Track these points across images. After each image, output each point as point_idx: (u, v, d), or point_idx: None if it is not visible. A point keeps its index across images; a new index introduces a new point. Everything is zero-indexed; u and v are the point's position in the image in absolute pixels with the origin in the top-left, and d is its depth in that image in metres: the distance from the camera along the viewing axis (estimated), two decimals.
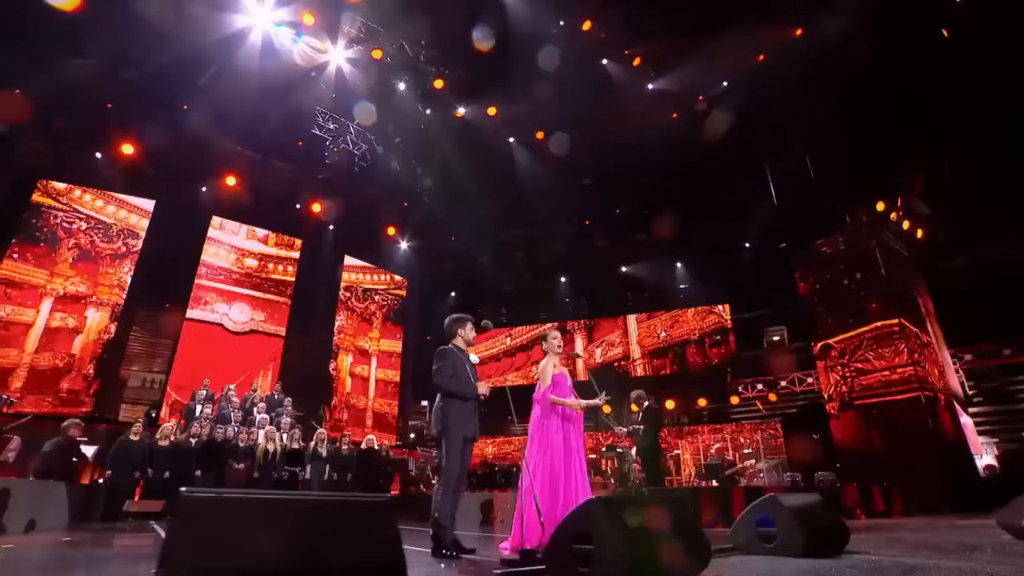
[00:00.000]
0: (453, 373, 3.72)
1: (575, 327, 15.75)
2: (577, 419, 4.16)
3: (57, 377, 11.56)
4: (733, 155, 12.78)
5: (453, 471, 3.53)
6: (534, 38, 12.50)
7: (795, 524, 2.85)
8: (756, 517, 3.05)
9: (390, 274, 18.11)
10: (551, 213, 15.64)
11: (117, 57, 10.17)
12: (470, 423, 3.70)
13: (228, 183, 13.95)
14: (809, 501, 3.19)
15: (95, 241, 12.61)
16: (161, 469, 7.62)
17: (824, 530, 2.98)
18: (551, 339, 4.36)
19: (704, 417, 13.28)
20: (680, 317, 14.38)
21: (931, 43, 10.74)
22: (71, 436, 6.74)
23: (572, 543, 1.95)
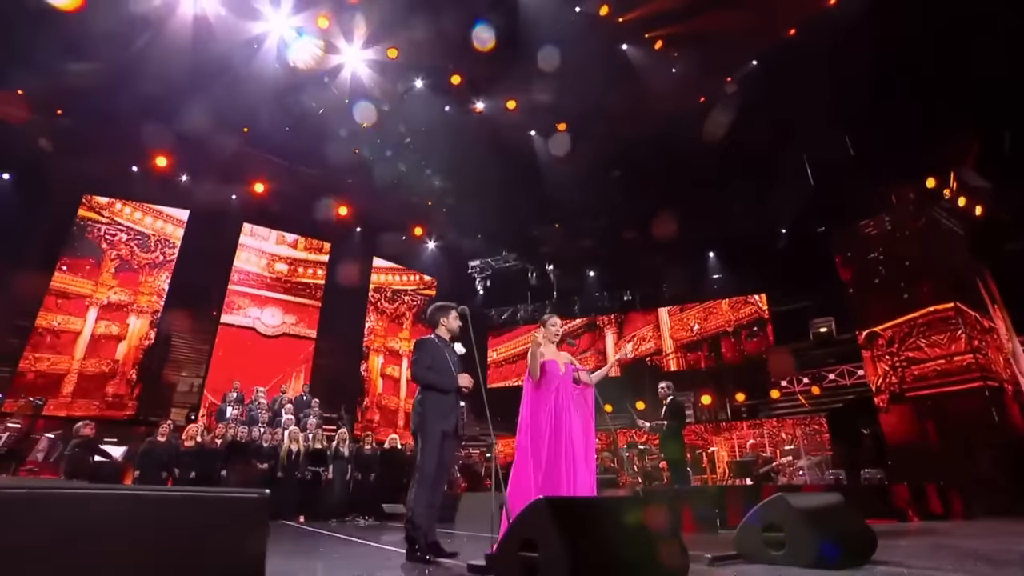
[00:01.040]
0: (432, 364, 3.54)
1: (605, 322, 15.35)
2: (577, 405, 3.89)
3: (103, 382, 12.08)
4: (765, 137, 12.11)
5: (428, 467, 3.35)
6: (551, 27, 12.21)
7: (806, 529, 2.51)
8: (762, 520, 2.72)
9: (419, 274, 18.18)
10: (578, 206, 15.30)
11: (144, 70, 10.46)
12: (450, 417, 3.51)
13: (256, 190, 14.30)
14: (826, 502, 2.83)
15: (134, 251, 13.13)
16: (187, 469, 7.79)
17: (843, 536, 2.63)
18: (549, 325, 4.12)
19: (743, 413, 12.65)
20: (714, 309, 13.76)
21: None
22: (85, 435, 6.93)
23: (518, 550, 1.71)
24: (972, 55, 9.58)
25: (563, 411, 3.77)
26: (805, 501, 2.74)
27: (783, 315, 13.48)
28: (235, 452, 8.11)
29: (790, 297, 13.22)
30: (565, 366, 3.97)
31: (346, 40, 11.87)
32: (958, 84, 10.10)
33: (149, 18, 9.84)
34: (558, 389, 3.85)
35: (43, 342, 11.82)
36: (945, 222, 11.46)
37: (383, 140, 14.26)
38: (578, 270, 16.16)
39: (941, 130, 11.05)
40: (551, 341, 4.09)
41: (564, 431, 3.72)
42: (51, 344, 11.88)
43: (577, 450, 3.67)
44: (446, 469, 3.54)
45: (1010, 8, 8.97)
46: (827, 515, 2.70)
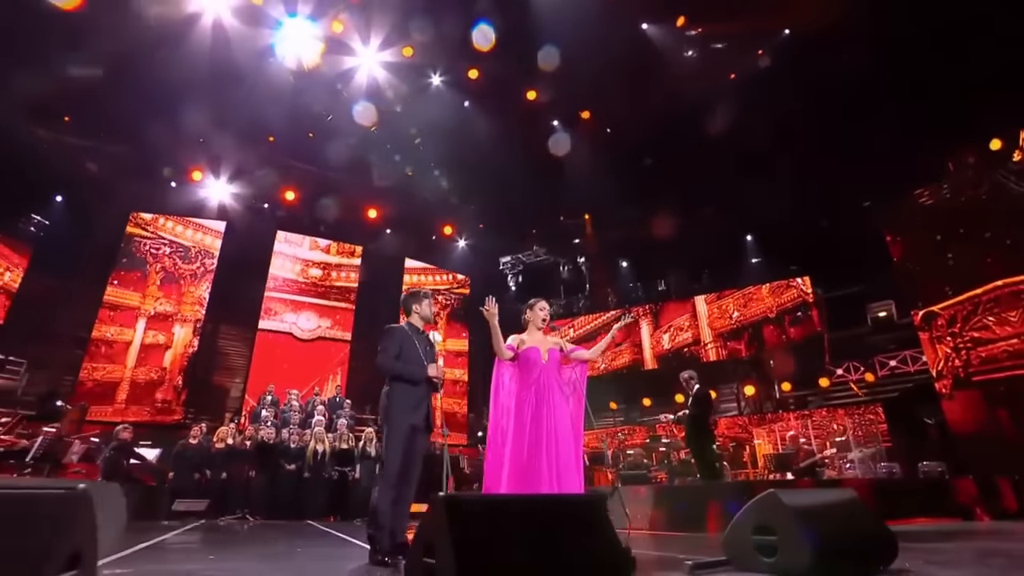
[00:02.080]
0: (399, 353, 3.36)
1: (640, 312, 14.82)
2: (565, 394, 3.62)
3: (152, 389, 12.68)
4: (800, 110, 11.32)
5: (392, 463, 3.17)
6: (568, 12, 11.87)
7: (800, 531, 2.17)
8: (752, 520, 2.39)
9: (452, 273, 18.16)
10: (606, 195, 14.86)
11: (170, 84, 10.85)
12: (419, 410, 3.32)
13: (288, 198, 14.66)
14: (829, 499, 2.46)
15: (177, 263, 13.72)
16: (218, 471, 8.00)
17: (848, 540, 2.26)
18: (537, 309, 3.87)
19: (790, 403, 11.89)
20: (754, 294, 12.99)
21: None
22: (123, 439, 7.22)
23: (422, 555, 1.51)
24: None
25: (544, 403, 3.52)
26: (802, 498, 2.38)
27: (837, 300, 12.58)
28: (263, 453, 8.26)
29: (840, 280, 12.31)
30: (549, 352, 3.70)
31: (362, 42, 11.96)
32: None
33: (169, 30, 10.16)
34: (538, 379, 3.60)
35: (99, 352, 12.53)
36: (1014, 187, 10.35)
37: (406, 140, 14.31)
38: (610, 261, 15.71)
39: (1008, 87, 9.97)
40: (537, 327, 3.83)
41: (545, 424, 3.47)
42: (106, 354, 12.58)
43: (561, 444, 3.41)
44: (415, 465, 3.35)
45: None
46: (828, 514, 2.33)
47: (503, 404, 3.74)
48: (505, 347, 3.70)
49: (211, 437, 8.47)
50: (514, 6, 11.45)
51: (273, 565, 3.30)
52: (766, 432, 10.80)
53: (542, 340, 3.80)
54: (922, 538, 4.19)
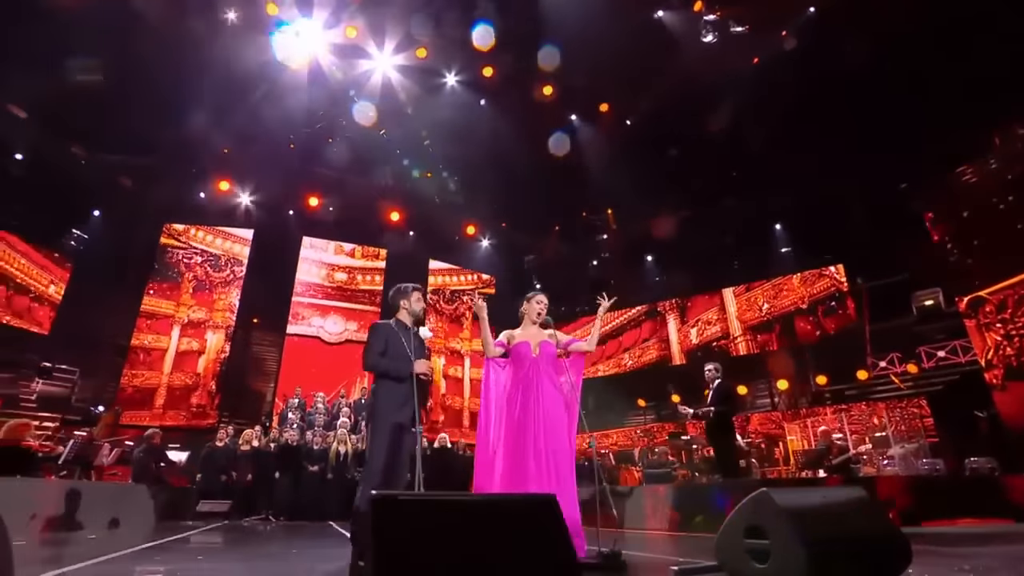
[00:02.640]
0: (385, 350, 3.30)
1: (667, 307, 14.45)
2: (559, 389, 3.49)
3: (188, 394, 13.10)
4: (828, 90, 10.78)
5: (376, 462, 3.11)
6: (580, 3, 11.67)
7: (793, 535, 1.98)
8: (744, 521, 2.21)
9: (476, 273, 18.14)
10: (629, 189, 14.56)
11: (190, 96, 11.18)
12: (405, 407, 3.24)
13: (311, 204, 14.92)
14: (832, 499, 2.24)
15: (208, 272, 14.15)
16: (244, 472, 8.17)
17: (851, 544, 2.06)
18: (534, 302, 3.75)
19: (826, 397, 11.35)
20: (784, 285, 12.46)
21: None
22: (154, 444, 7.45)
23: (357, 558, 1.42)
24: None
25: (531, 398, 3.40)
26: (798, 498, 2.18)
27: (878, 289, 11.93)
28: (286, 455, 8.39)
29: (878, 267, 11.67)
30: (540, 346, 3.57)
31: (376, 46, 12.05)
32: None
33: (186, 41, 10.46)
34: (527, 373, 3.48)
35: (137, 359, 13.04)
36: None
37: (423, 142, 14.37)
38: (635, 256, 15.38)
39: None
40: (532, 320, 3.71)
41: (533, 419, 3.35)
42: (144, 361, 13.08)
43: (552, 439, 3.28)
44: (402, 464, 3.28)
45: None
46: (827, 516, 2.13)
47: (495, 402, 3.64)
48: (494, 344, 3.60)
49: (237, 440, 8.66)
50: (526, 1, 11.33)
51: (253, 566, 3.29)
52: (799, 428, 10.33)
53: (535, 333, 3.68)
54: (959, 541, 3.88)
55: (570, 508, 3.15)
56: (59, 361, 11.77)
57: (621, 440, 12.79)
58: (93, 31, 9.97)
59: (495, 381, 3.69)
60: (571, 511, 3.14)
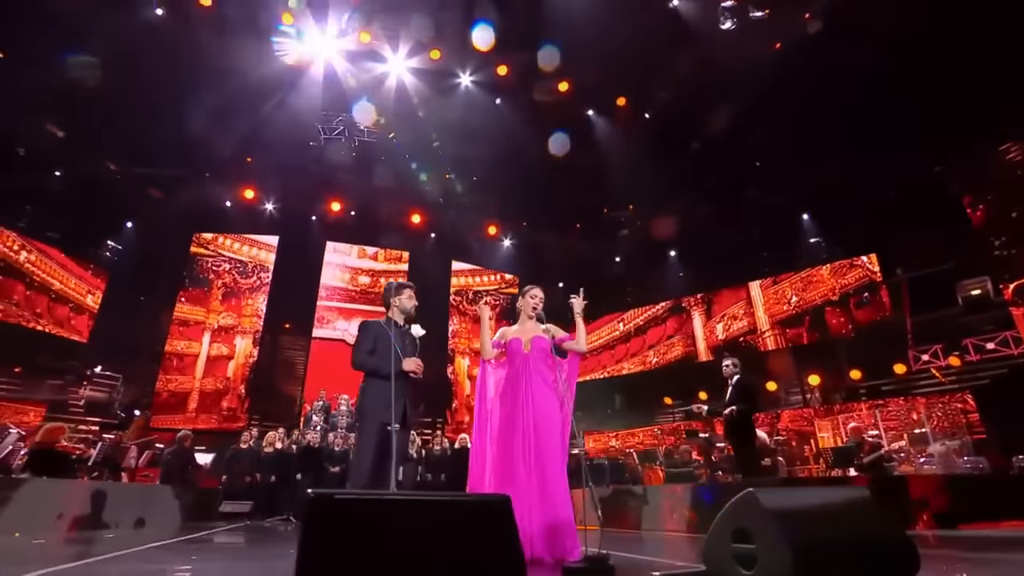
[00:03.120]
0: (373, 348, 3.27)
1: (691, 303, 14.11)
2: (551, 386, 3.38)
3: (219, 398, 13.48)
4: (853, 70, 10.31)
5: (362, 462, 3.08)
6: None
7: (779, 538, 1.85)
8: (730, 524, 2.08)
9: (499, 273, 18.11)
10: (650, 184, 14.30)
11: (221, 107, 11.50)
12: (393, 406, 3.20)
13: (333, 208, 15.16)
14: (827, 500, 2.08)
15: (236, 279, 14.52)
16: (268, 473, 8.32)
17: (846, 548, 1.90)
18: (528, 297, 3.66)
19: (861, 393, 10.86)
20: (813, 276, 11.97)
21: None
22: (184, 447, 7.67)
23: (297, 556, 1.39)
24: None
25: (520, 395, 3.30)
26: (787, 498, 2.04)
27: (920, 279, 11.35)
28: (308, 457, 8.51)
29: (915, 255, 11.11)
30: (532, 341, 3.47)
31: (391, 50, 12.15)
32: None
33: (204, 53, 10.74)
34: (518, 370, 3.39)
35: (171, 365, 13.48)
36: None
37: (443, 144, 14.41)
38: (658, 251, 15.08)
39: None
40: (528, 316, 3.62)
41: (522, 416, 3.25)
42: (177, 367, 13.51)
43: (542, 436, 3.18)
44: (394, 464, 3.24)
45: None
46: (820, 518, 1.98)
47: (490, 401, 3.58)
48: (491, 345, 3.53)
49: (261, 442, 8.84)
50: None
51: (243, 565, 3.30)
52: (830, 425, 9.91)
53: (530, 329, 3.59)
54: (996, 546, 3.61)
55: (560, 508, 3.05)
56: (97, 368, 12.30)
57: (647, 439, 12.54)
58: (122, 52, 10.38)
59: (486, 383, 3.62)
60: (561, 511, 3.04)
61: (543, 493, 3.16)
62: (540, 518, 3.06)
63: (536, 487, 3.17)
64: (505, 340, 3.54)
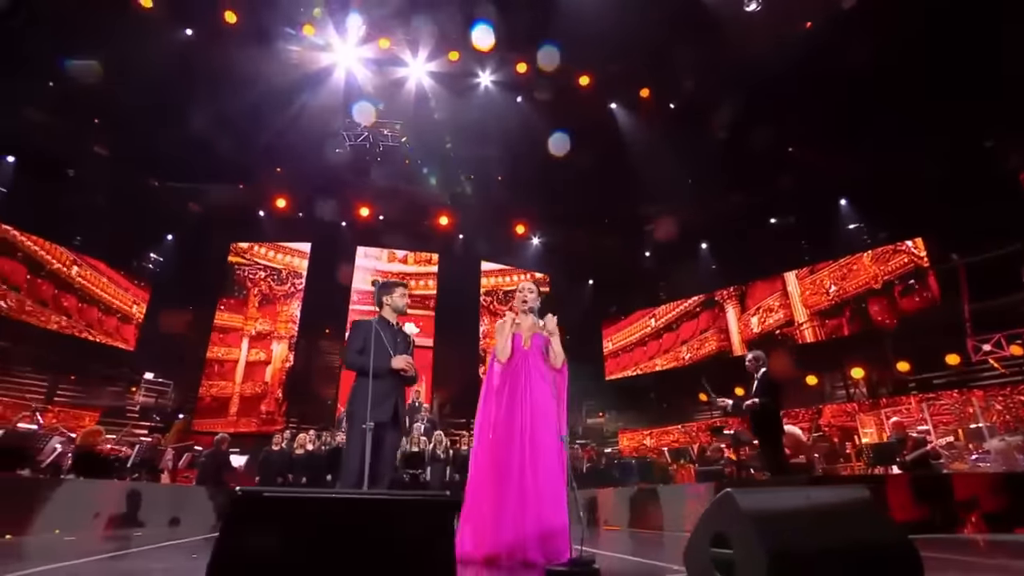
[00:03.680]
0: (363, 347, 3.26)
1: (724, 296, 13.63)
2: (549, 382, 3.28)
3: (258, 402, 13.95)
4: (894, 42, 9.69)
5: (352, 462, 3.07)
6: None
7: (757, 543, 1.70)
8: (709, 528, 1.94)
9: (529, 272, 18.03)
10: (678, 176, 13.92)
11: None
12: (383, 405, 3.19)
13: (362, 214, 15.44)
14: (816, 501, 1.90)
15: (271, 286, 15.01)
16: (299, 474, 8.52)
17: (831, 554, 1.73)
18: (517, 292, 3.61)
19: (911, 386, 10.22)
20: (853, 264, 11.32)
21: None
22: (221, 449, 7.95)
23: None
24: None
25: (517, 390, 3.22)
26: (769, 500, 1.87)
27: (979, 264, 10.59)
28: (337, 457, 8.65)
29: (965, 237, 10.36)
30: (532, 338, 3.39)
31: (411, 53, 12.26)
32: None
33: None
34: (516, 365, 3.31)
35: (213, 371, 14.05)
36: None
37: (465, 145, 14.45)
38: (689, 244, 14.66)
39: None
40: (523, 312, 3.54)
41: (519, 413, 3.17)
42: (218, 372, 14.07)
43: (538, 432, 3.10)
44: (385, 463, 3.23)
45: None
46: (805, 520, 1.81)
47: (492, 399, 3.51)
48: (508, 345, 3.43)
49: (293, 443, 9.06)
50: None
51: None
52: (874, 420, 9.35)
53: (531, 325, 3.51)
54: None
55: (556, 509, 2.96)
56: (150, 375, 12.94)
57: (682, 437, 12.20)
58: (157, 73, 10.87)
59: (492, 382, 3.55)
60: (557, 512, 2.94)
61: (538, 493, 3.07)
62: (534, 519, 2.98)
63: (531, 487, 3.08)
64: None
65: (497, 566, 2.90)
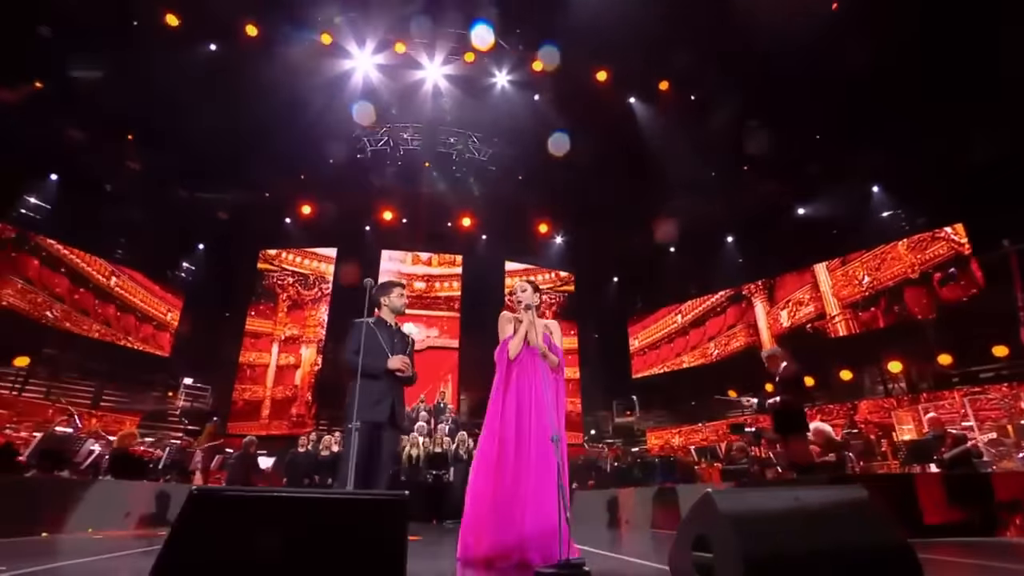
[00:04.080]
0: (359, 348, 3.27)
1: (752, 290, 13.23)
2: (547, 383, 3.22)
3: (288, 405, 14.28)
4: (928, 15, 9.21)
5: (347, 464, 3.06)
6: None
7: (734, 546, 1.61)
8: (691, 531, 1.85)
9: (554, 271, 17.96)
10: (702, 168, 13.61)
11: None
12: (379, 406, 3.20)
13: (385, 217, 15.64)
14: (807, 501, 1.78)
15: (299, 291, 15.35)
16: (325, 475, 8.66)
17: (817, 558, 1.63)
18: (518, 291, 3.56)
19: (954, 379, 9.70)
20: (888, 253, 10.81)
21: None
22: (250, 452, 8.17)
23: None
24: None
25: (524, 390, 3.18)
26: (751, 500, 1.77)
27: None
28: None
29: (1011, 221, 9.77)
30: (541, 337, 3.35)
31: (427, 56, 12.35)
32: None
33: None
34: (524, 364, 3.27)
35: (245, 376, 14.45)
36: None
37: (484, 144, 14.48)
38: (714, 239, 14.30)
39: None
40: (524, 309, 3.50)
41: (526, 416, 3.13)
42: (250, 377, 14.47)
43: (544, 437, 3.05)
44: (381, 464, 3.22)
45: None
46: (788, 524, 1.71)
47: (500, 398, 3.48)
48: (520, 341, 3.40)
49: (319, 445, 9.23)
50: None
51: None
52: (912, 416, 8.90)
53: (536, 325, 3.46)
54: None
55: (555, 510, 2.90)
56: (189, 380, 13.42)
57: (710, 435, 11.92)
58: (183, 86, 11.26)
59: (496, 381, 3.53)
60: (548, 507, 2.88)
61: (539, 494, 3.03)
62: (533, 520, 2.93)
63: (532, 487, 3.04)
64: (503, 338, 3.43)
65: (496, 567, 2.87)
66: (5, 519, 4.83)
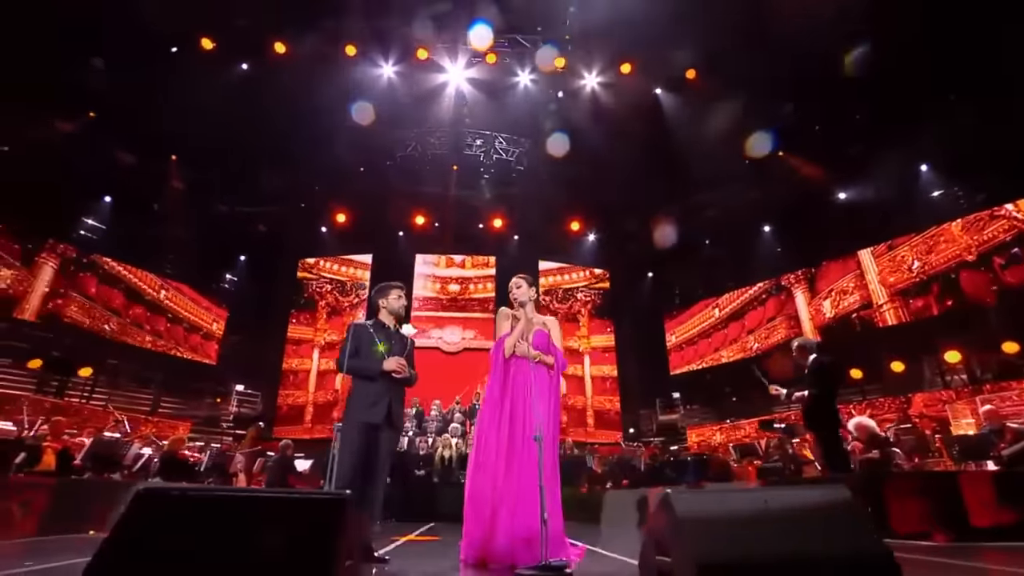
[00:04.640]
0: (357, 351, 3.31)
1: (792, 280, 12.63)
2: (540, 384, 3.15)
3: (329, 409, 14.68)
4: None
5: (343, 464, 3.11)
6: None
7: (688, 549, 1.51)
8: (652, 534, 1.75)
9: (588, 269, 17.76)
10: (734, 157, 13.14)
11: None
12: (376, 407, 3.22)
13: (418, 222, 15.88)
14: (779, 503, 1.64)
15: (337, 297, 15.79)
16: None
17: (783, 567, 1.50)
18: (513, 288, 3.52)
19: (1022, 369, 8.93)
20: (941, 236, 10.05)
21: None
22: (287, 455, 8.44)
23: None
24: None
25: (519, 389, 3.13)
26: (713, 504, 1.65)
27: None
28: (396, 460, 8.92)
29: None
30: (534, 335, 3.30)
31: (449, 60, 12.48)
32: None
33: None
34: (519, 363, 3.22)
35: (288, 381, 14.99)
36: None
37: (515, 144, 14.49)
38: (751, 228, 13.76)
39: None
40: (519, 305, 3.45)
41: (520, 417, 3.08)
42: (293, 382, 14.99)
43: (530, 431, 2.99)
44: (379, 464, 3.25)
45: None
46: (752, 528, 1.58)
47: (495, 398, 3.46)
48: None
49: None
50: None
51: None
52: (970, 409, 8.25)
53: (533, 322, 3.42)
54: None
55: (550, 510, 2.84)
56: (240, 387, 14.05)
57: (752, 432, 11.46)
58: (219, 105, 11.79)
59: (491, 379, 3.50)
60: (550, 513, 2.82)
61: (531, 495, 2.98)
62: (521, 521, 2.89)
63: (526, 488, 2.99)
64: (500, 336, 3.41)
65: (490, 568, 2.85)
66: (59, 518, 5.22)
